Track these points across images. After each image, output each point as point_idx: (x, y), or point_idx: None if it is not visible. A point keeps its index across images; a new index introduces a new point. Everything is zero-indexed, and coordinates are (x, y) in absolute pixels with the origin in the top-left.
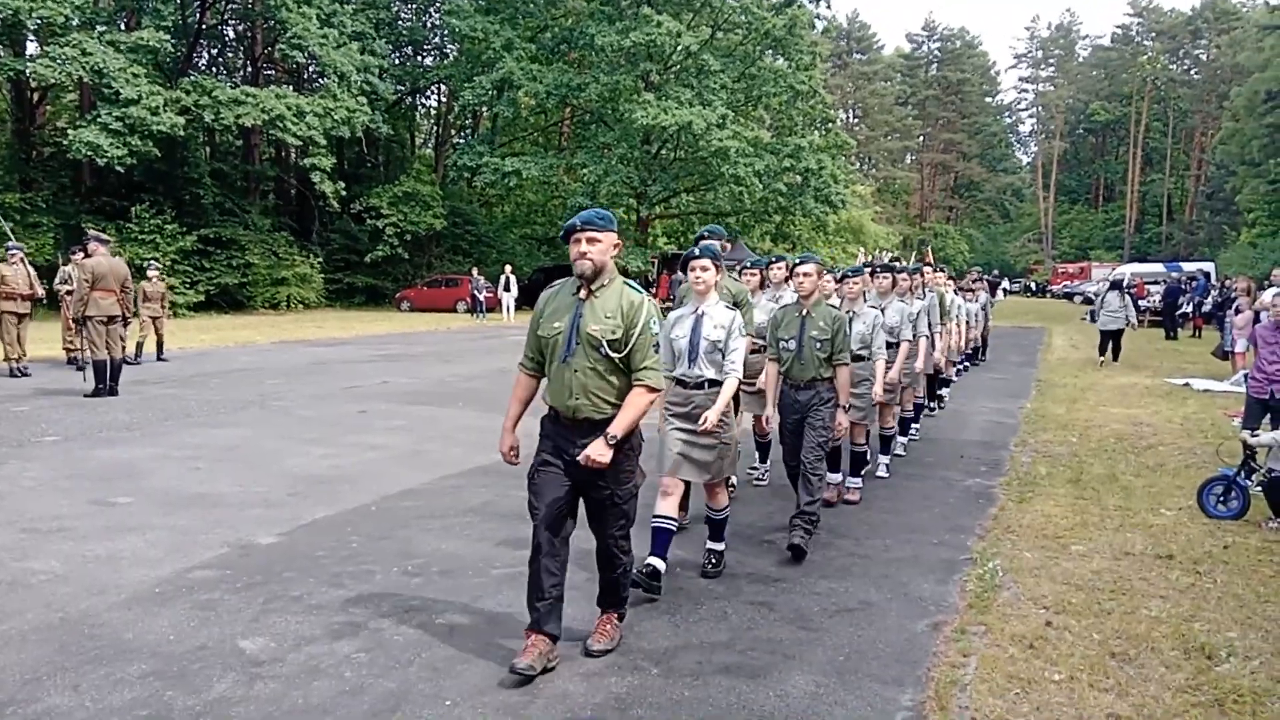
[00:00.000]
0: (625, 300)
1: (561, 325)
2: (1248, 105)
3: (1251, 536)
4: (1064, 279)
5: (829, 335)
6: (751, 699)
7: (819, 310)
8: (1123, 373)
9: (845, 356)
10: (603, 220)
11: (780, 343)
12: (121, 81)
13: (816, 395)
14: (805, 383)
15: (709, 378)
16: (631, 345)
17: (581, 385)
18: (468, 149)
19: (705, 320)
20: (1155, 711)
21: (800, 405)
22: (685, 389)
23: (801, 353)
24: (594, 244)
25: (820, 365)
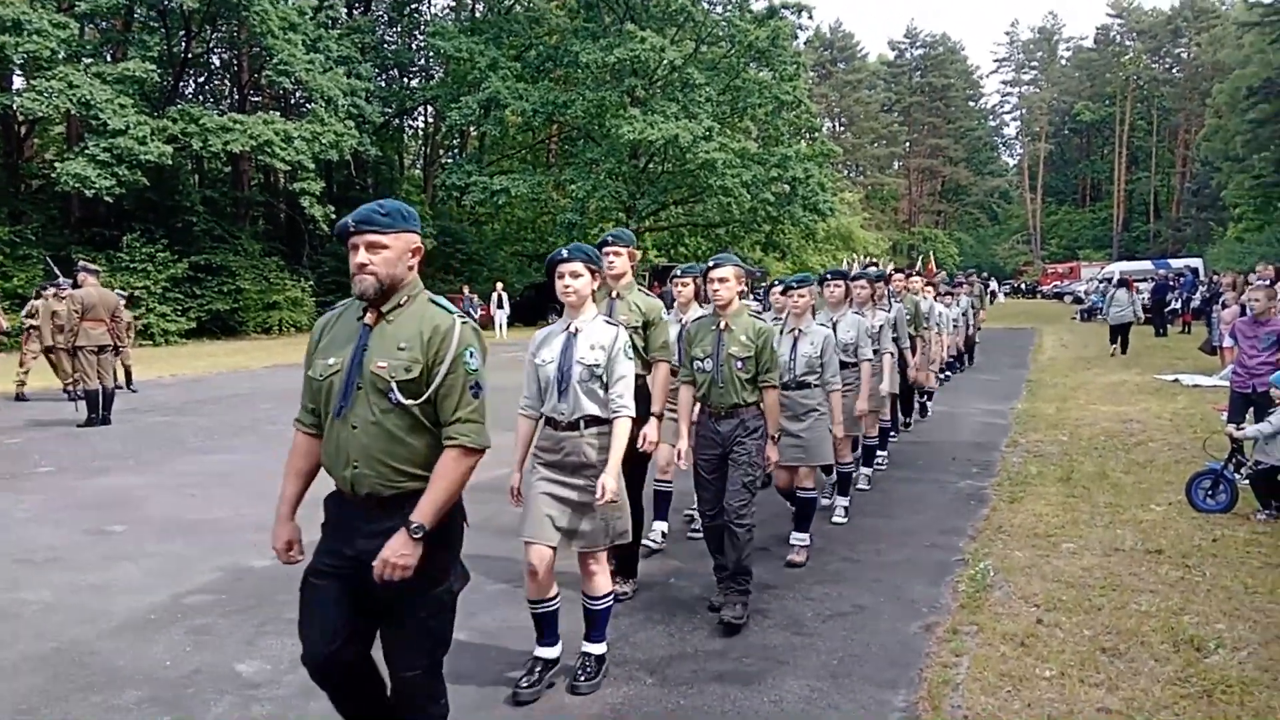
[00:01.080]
0: (427, 324)
1: (338, 362)
2: (1230, 102)
3: (1240, 529)
4: (1054, 279)
5: (751, 352)
6: (746, 705)
7: (739, 322)
8: (1113, 370)
9: (773, 378)
10: (388, 218)
11: (695, 362)
12: (109, 113)
13: (740, 425)
14: (726, 410)
15: (586, 414)
16: (436, 388)
17: (363, 448)
18: (456, 168)
19: (579, 340)
20: (1145, 704)
21: (721, 438)
22: (556, 430)
23: (719, 373)
24: (376, 250)
25: (743, 389)
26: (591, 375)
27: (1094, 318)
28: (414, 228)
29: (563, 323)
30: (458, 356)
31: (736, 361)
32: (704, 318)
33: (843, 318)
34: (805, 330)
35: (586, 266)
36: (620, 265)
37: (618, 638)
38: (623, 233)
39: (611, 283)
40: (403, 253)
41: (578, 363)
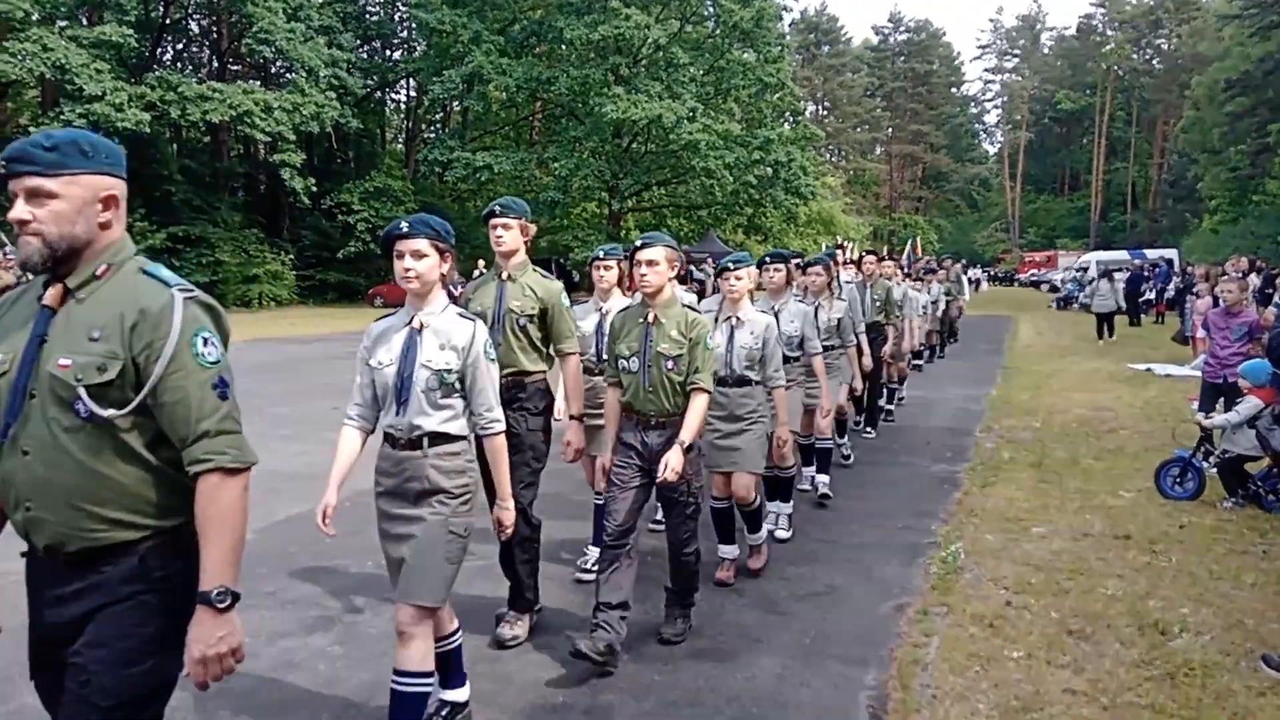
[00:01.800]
0: (130, 304)
1: (6, 359)
2: (1208, 94)
3: (1206, 516)
4: (1031, 267)
5: (683, 349)
6: (720, 682)
7: (671, 314)
8: (1087, 359)
9: (702, 379)
10: (56, 154)
11: (619, 361)
12: (85, 78)
13: (673, 440)
14: (656, 419)
15: (430, 431)
16: (151, 393)
17: (38, 483)
18: (439, 144)
19: (425, 337)
20: (1110, 686)
21: (650, 452)
22: (394, 449)
23: (647, 375)
24: (41, 201)
25: (675, 393)
26: (441, 383)
27: (1070, 306)
28: (103, 166)
29: (404, 315)
30: (182, 346)
31: (667, 361)
32: (630, 308)
33: (785, 306)
34: (744, 319)
35: (433, 245)
36: (510, 241)
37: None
38: (513, 202)
39: (501, 262)
40: (86, 203)
41: (422, 366)
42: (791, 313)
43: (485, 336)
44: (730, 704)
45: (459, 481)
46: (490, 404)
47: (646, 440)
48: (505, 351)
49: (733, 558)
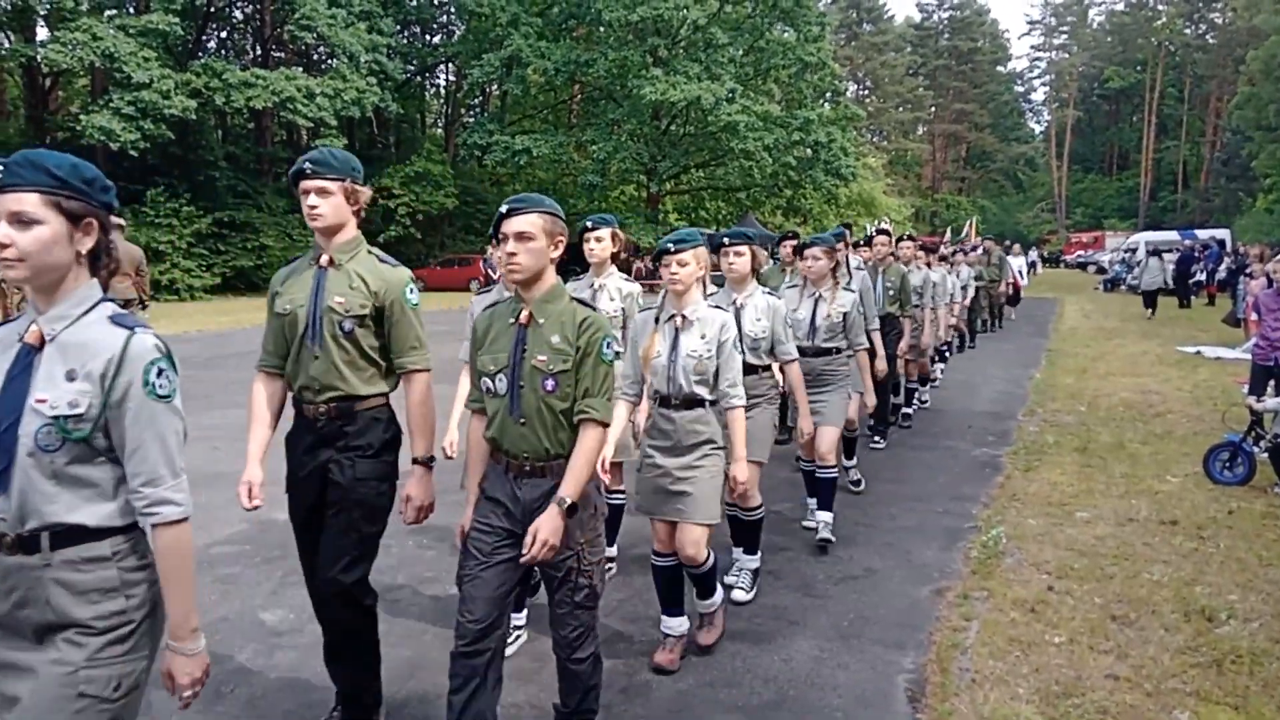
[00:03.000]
0: None
1: None
2: (1264, 69)
3: (1256, 501)
4: (1077, 248)
5: (569, 362)
6: (757, 663)
7: (552, 311)
8: (1134, 341)
9: (597, 406)
10: None
11: (482, 379)
12: (133, 65)
13: (555, 493)
14: (531, 464)
15: None
16: None
17: None
18: (478, 127)
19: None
20: (1153, 672)
21: (523, 511)
22: None
23: (517, 399)
24: None
25: (560, 426)
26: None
27: (1118, 288)
28: None
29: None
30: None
31: (545, 380)
32: (498, 305)
33: (749, 300)
34: (693, 317)
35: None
36: (330, 212)
37: (630, 595)
38: (332, 155)
39: (321, 241)
40: None
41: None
42: (758, 308)
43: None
44: (767, 685)
45: None
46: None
47: (518, 493)
48: (324, 367)
49: (678, 634)
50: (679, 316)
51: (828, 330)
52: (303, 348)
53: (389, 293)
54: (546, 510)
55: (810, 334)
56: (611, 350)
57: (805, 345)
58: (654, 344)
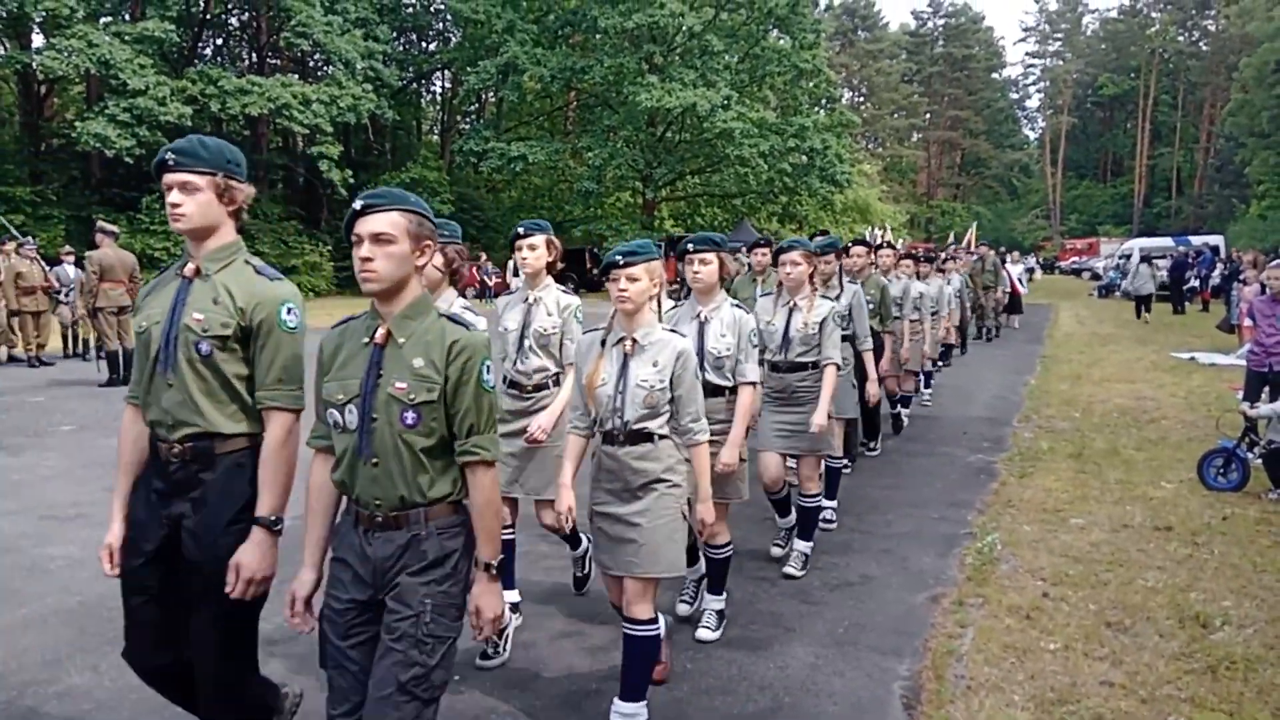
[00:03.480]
0: None
1: None
2: (1257, 76)
3: (1250, 508)
4: (1072, 255)
5: (434, 390)
6: (752, 670)
7: (415, 328)
8: (1128, 347)
9: (483, 444)
10: None
11: (328, 410)
12: (128, 73)
13: (410, 549)
14: (386, 515)
15: None
16: None
17: None
18: (474, 134)
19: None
20: (1148, 679)
21: (372, 571)
22: None
23: (368, 434)
24: None
25: (423, 469)
26: None
27: (1112, 294)
28: None
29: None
30: None
31: (405, 412)
32: (351, 322)
33: (715, 314)
34: (644, 341)
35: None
36: (195, 213)
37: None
38: (201, 145)
39: (191, 248)
40: None
41: None
42: (724, 323)
43: None
44: (763, 692)
45: None
46: None
47: (367, 549)
48: (178, 398)
49: None
50: (629, 340)
51: (803, 342)
52: (155, 373)
53: (258, 310)
54: (478, 581)
55: (783, 347)
56: (491, 376)
57: (778, 359)
58: (599, 370)
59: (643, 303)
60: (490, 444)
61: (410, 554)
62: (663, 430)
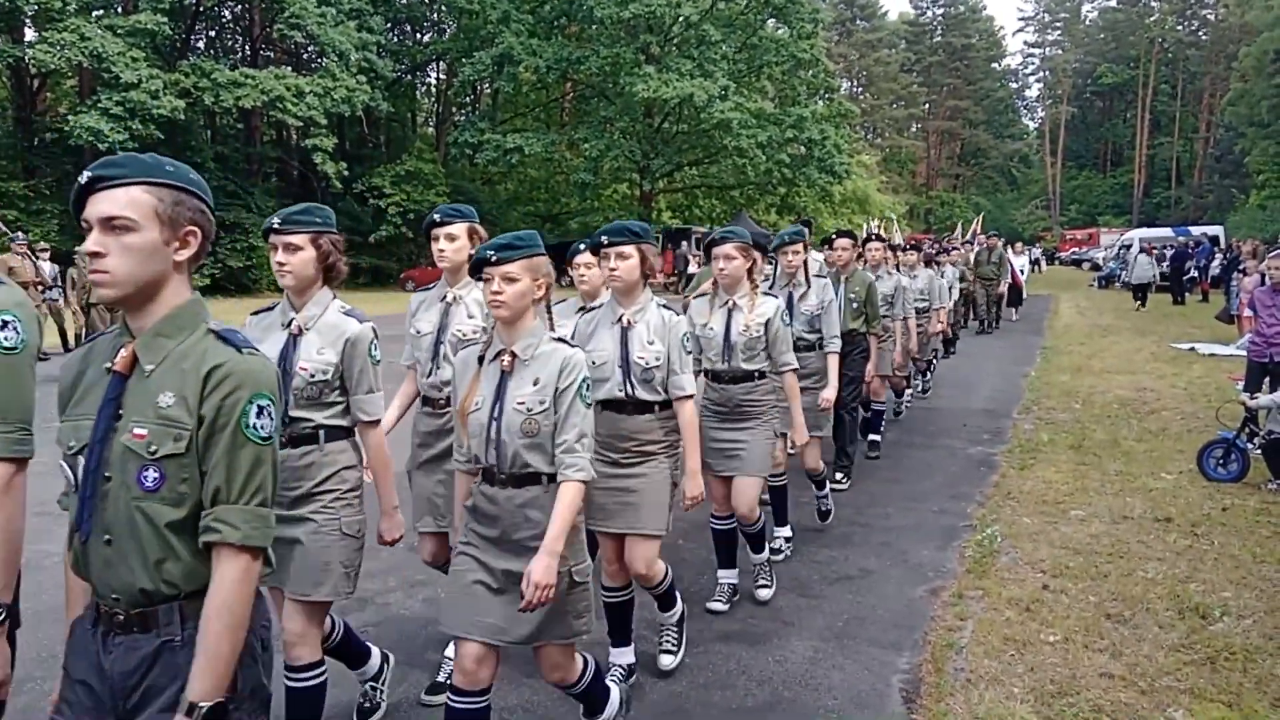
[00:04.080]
0: None
1: None
2: (1256, 65)
3: (1250, 498)
4: (1072, 245)
5: (184, 438)
6: (751, 664)
7: (173, 349)
8: (1128, 338)
9: (234, 523)
10: None
11: (62, 466)
12: (121, 65)
13: (161, 665)
14: (126, 612)
15: None
16: None
17: None
18: (469, 126)
19: None
20: (1148, 670)
21: (111, 691)
22: None
23: (95, 502)
24: None
25: (170, 551)
26: None
27: (1112, 285)
28: None
29: None
30: None
31: (146, 470)
32: (96, 342)
33: (641, 316)
34: (525, 355)
35: None
36: None
37: None
38: None
39: None
40: None
41: None
42: (651, 327)
43: None
44: (761, 686)
45: None
46: None
47: (104, 660)
48: None
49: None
50: (506, 353)
51: (747, 347)
52: None
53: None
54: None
55: (725, 354)
56: (266, 420)
57: (721, 369)
58: (473, 392)
59: (523, 309)
60: (242, 520)
61: (159, 671)
62: (547, 470)
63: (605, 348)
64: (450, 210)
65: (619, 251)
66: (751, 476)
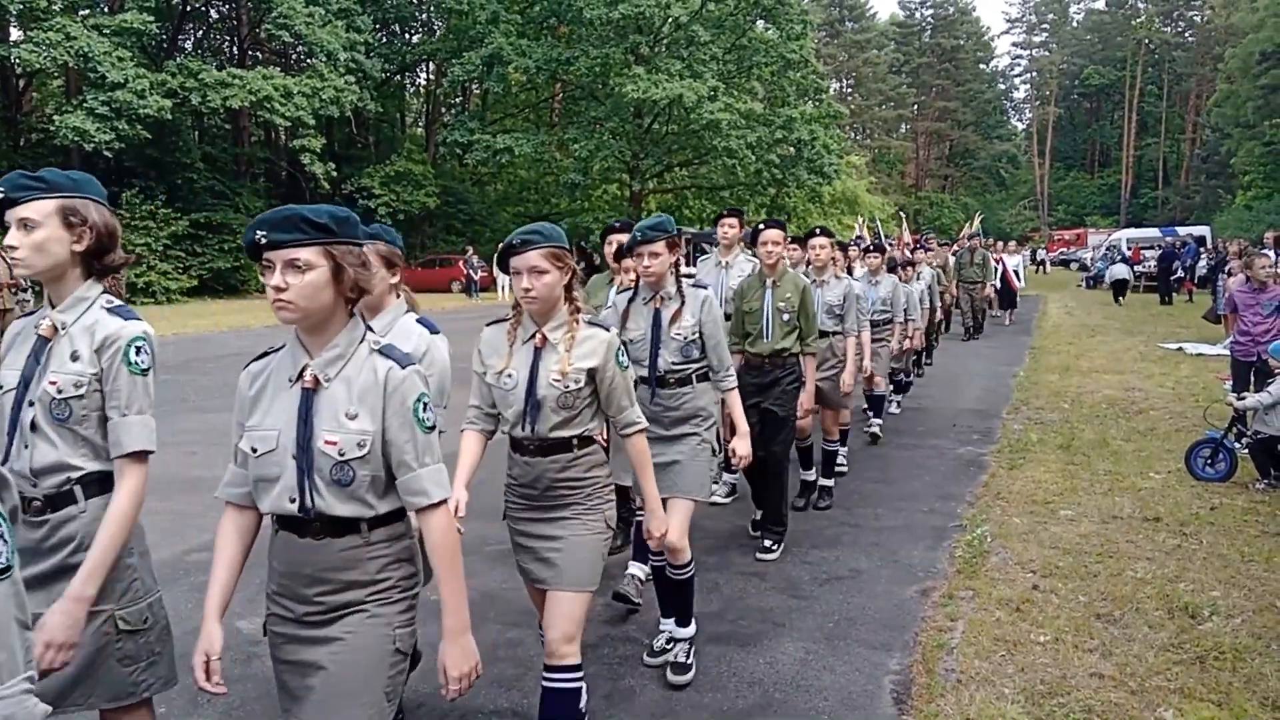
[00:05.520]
0: None
1: None
2: (1242, 67)
3: (1238, 498)
4: (1060, 246)
5: None
6: (742, 666)
7: None
8: (1116, 338)
9: None
10: None
11: None
12: (107, 65)
13: None
14: None
15: None
16: None
17: None
18: (459, 126)
19: None
20: (1138, 670)
21: None
22: None
23: None
24: None
25: None
26: None
27: (1100, 285)
28: None
29: None
30: None
31: None
32: None
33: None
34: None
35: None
36: None
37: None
38: None
39: None
40: None
41: None
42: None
43: None
44: (752, 688)
45: None
46: None
47: None
48: None
49: None
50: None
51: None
52: None
53: None
54: None
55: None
56: None
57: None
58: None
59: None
60: None
61: None
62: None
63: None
64: None
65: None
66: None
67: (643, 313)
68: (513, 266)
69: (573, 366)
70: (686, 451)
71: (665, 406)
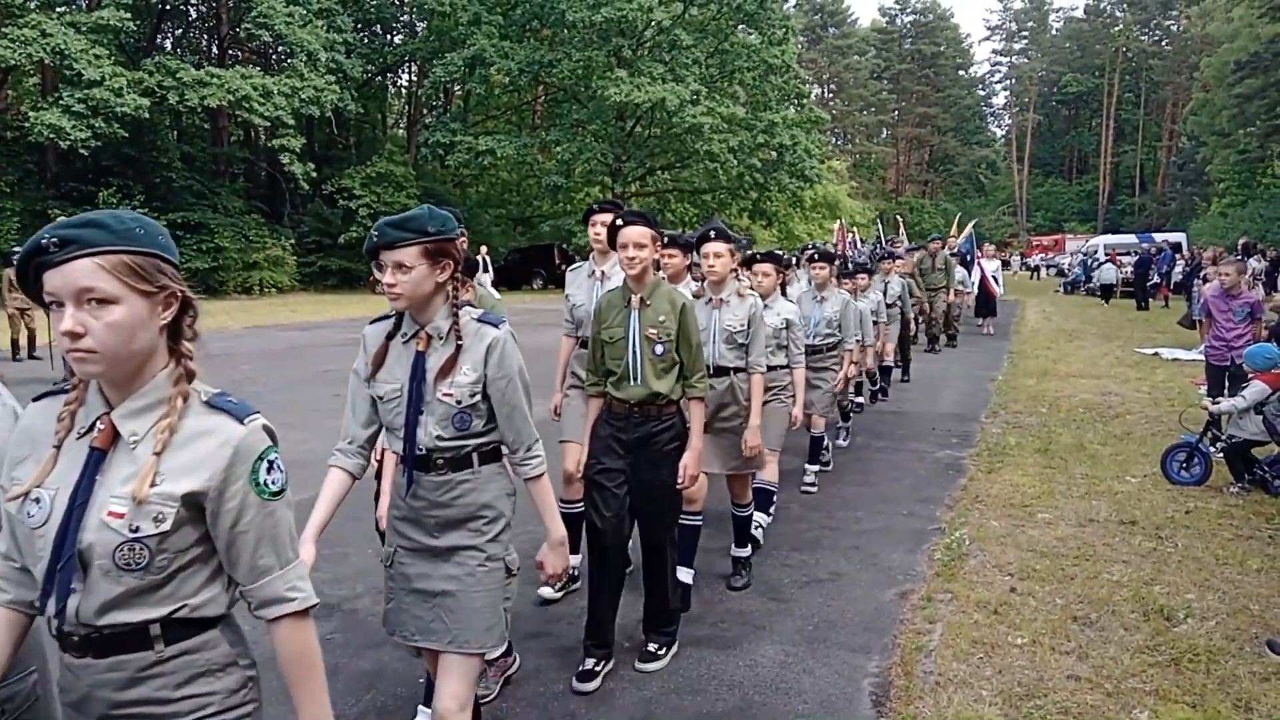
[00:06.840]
0: None
1: None
2: (1217, 76)
3: (1213, 501)
4: (1038, 251)
5: None
6: (721, 669)
7: None
8: (1094, 343)
9: None
10: None
11: None
12: (84, 63)
13: None
14: None
15: None
16: None
17: None
18: (440, 128)
19: None
20: (1114, 672)
21: None
22: None
23: None
24: None
25: None
26: None
27: (1077, 290)
28: None
29: None
30: None
31: None
32: None
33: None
34: None
35: None
36: None
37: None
38: None
39: None
40: None
41: None
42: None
43: None
44: (732, 691)
45: None
46: None
47: None
48: None
49: None
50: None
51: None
52: None
53: None
54: None
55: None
56: None
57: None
58: None
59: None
60: None
61: None
62: None
63: None
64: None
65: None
66: None
67: (401, 357)
68: None
69: None
70: (462, 576)
71: (430, 501)
